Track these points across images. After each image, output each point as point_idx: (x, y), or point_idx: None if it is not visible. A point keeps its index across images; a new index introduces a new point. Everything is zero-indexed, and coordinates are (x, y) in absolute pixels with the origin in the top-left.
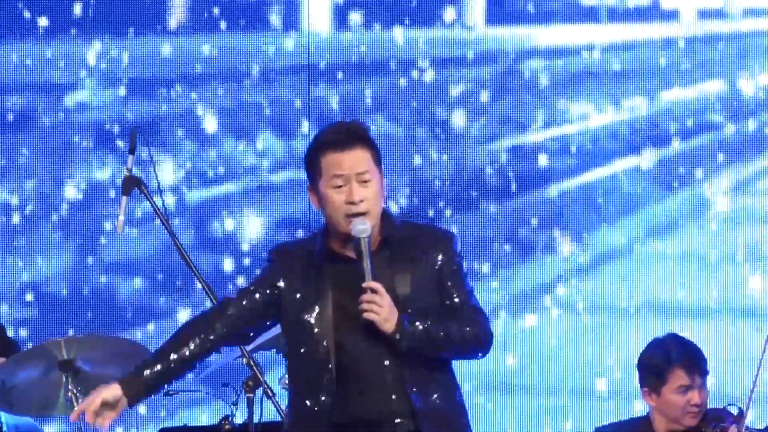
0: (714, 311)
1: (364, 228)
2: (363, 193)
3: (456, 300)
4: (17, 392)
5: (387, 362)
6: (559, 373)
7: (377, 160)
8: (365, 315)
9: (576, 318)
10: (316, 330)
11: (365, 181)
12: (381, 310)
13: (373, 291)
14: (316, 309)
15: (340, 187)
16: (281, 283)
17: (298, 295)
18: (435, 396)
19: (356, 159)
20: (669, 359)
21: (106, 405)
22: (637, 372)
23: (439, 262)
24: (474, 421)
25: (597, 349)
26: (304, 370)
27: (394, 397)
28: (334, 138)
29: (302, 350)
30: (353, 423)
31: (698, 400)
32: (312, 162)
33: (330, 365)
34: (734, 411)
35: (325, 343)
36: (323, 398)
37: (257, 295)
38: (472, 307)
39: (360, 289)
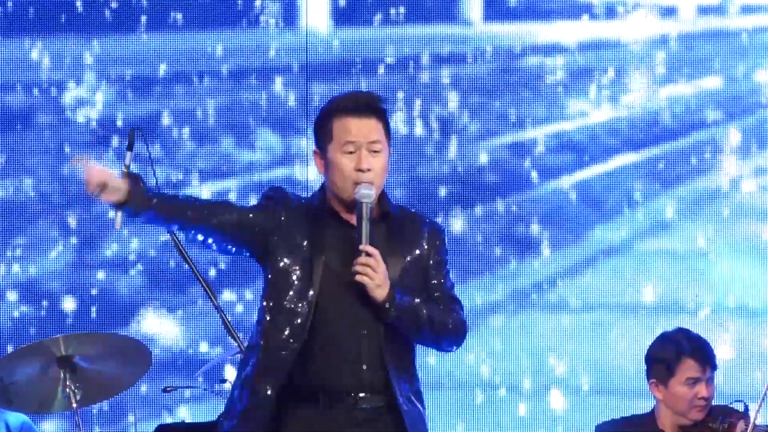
0: (712, 308)
1: (368, 193)
2: (372, 163)
3: (438, 291)
4: (15, 388)
5: (365, 332)
6: (556, 371)
7: (388, 133)
8: (358, 278)
9: (574, 315)
10: (301, 283)
11: (375, 152)
12: (375, 275)
13: (369, 255)
14: (308, 262)
15: (350, 153)
16: (282, 218)
17: (294, 240)
18: (404, 376)
19: (370, 128)
20: (680, 351)
21: (107, 186)
22: (639, 368)
23: (429, 252)
24: (465, 418)
25: (595, 346)
26: (277, 320)
27: (365, 367)
28: (351, 104)
29: (281, 299)
30: (314, 390)
31: (706, 393)
32: (323, 125)
33: (306, 323)
34: (740, 407)
35: (307, 299)
36: (286, 354)
37: (258, 218)
38: (455, 299)
39: (353, 256)
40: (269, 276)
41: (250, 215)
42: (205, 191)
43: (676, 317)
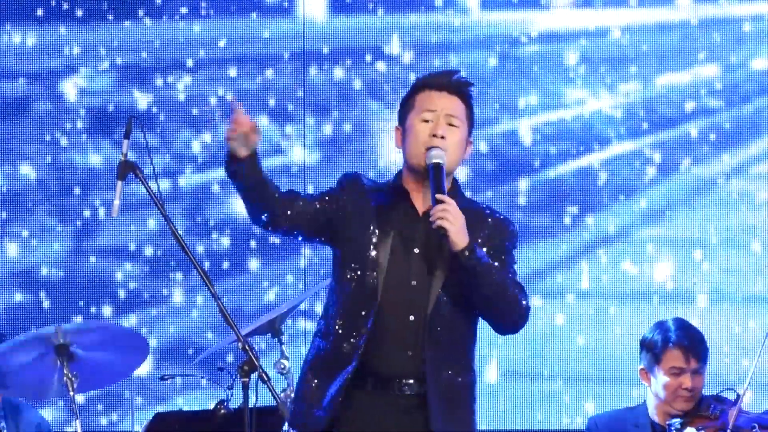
0: (710, 296)
1: (438, 153)
2: (447, 132)
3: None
4: (12, 376)
5: (412, 318)
6: (555, 360)
7: (470, 119)
8: (440, 223)
9: (571, 303)
10: (370, 269)
11: (452, 125)
12: (455, 220)
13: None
14: (376, 246)
15: (427, 121)
16: (349, 208)
17: (363, 226)
18: (448, 369)
19: (451, 102)
20: (667, 339)
21: (252, 137)
22: (636, 356)
23: (486, 245)
24: None
25: (592, 335)
26: (346, 306)
27: (410, 354)
28: (439, 81)
29: (351, 285)
30: (365, 375)
31: (689, 384)
32: (407, 100)
33: (374, 306)
34: (731, 396)
35: (374, 282)
36: (355, 340)
37: (324, 205)
38: (518, 283)
39: (415, 240)
40: (342, 259)
41: (317, 205)
42: (200, 178)
43: (673, 306)
